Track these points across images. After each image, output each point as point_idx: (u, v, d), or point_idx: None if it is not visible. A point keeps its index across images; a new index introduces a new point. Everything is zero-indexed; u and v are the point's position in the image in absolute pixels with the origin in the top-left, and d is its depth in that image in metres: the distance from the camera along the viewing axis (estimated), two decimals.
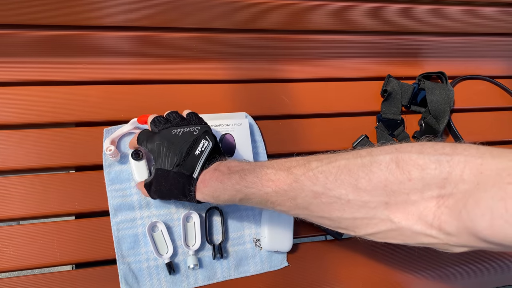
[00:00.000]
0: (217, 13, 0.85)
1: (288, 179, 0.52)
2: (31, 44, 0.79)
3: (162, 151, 0.62)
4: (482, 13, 1.00)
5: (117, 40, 0.84)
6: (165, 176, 0.62)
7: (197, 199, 0.62)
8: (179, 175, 0.61)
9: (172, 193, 0.63)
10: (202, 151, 0.62)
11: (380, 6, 0.92)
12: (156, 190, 0.65)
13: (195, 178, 0.61)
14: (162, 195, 0.65)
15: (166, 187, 0.63)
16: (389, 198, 0.45)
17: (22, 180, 0.73)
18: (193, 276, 0.73)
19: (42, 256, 0.69)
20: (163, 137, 0.63)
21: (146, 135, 0.66)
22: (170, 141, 0.62)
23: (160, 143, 0.63)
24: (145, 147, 0.66)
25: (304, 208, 0.52)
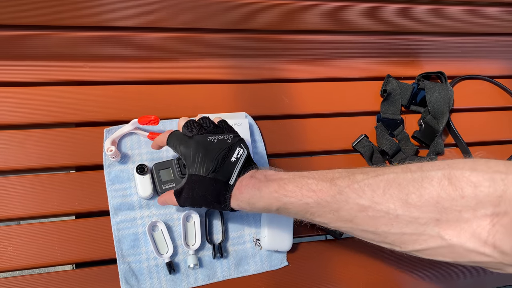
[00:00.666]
0: (217, 14, 0.85)
1: (332, 190, 0.51)
2: (31, 45, 0.80)
3: (197, 157, 0.61)
4: (481, 13, 1.00)
5: (117, 41, 0.84)
6: (199, 182, 0.61)
7: (231, 206, 0.61)
8: (215, 181, 0.60)
9: (206, 200, 0.62)
10: (238, 158, 0.62)
11: (379, 6, 0.92)
12: (187, 197, 0.63)
13: (232, 184, 0.60)
14: (194, 202, 0.64)
15: (200, 193, 0.62)
16: (440, 215, 0.45)
17: (22, 180, 0.73)
18: (193, 275, 0.73)
19: (43, 256, 0.69)
20: (199, 143, 0.62)
21: (179, 139, 0.65)
22: (206, 147, 0.61)
23: (196, 149, 0.61)
24: (176, 150, 0.65)
25: (348, 221, 0.51)
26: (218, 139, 0.63)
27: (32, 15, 0.76)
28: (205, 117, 0.68)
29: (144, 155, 0.77)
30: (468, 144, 0.95)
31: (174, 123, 0.81)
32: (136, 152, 0.77)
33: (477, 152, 0.95)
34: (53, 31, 0.80)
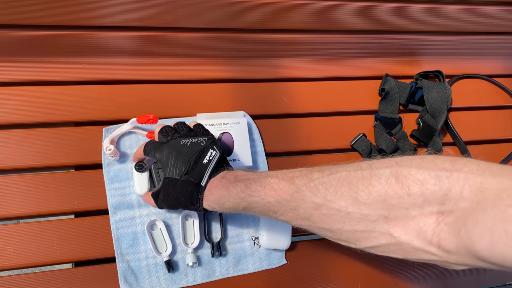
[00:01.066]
0: (215, 13, 0.85)
1: (290, 189, 0.52)
2: (30, 44, 0.80)
3: (170, 160, 0.63)
4: (479, 11, 1.00)
5: (116, 40, 0.85)
6: (173, 185, 0.63)
7: (203, 207, 0.63)
8: (187, 183, 0.62)
9: (180, 202, 0.64)
10: (210, 160, 0.63)
11: (377, 5, 0.93)
12: (164, 199, 0.65)
13: (203, 186, 0.62)
14: (170, 204, 0.65)
15: (174, 195, 0.63)
16: (388, 212, 0.45)
17: (22, 179, 0.73)
18: (192, 274, 0.73)
19: (42, 255, 0.70)
20: (172, 147, 0.64)
21: (154, 146, 0.67)
22: (179, 150, 0.63)
23: (169, 153, 0.63)
24: (152, 157, 0.67)
25: (306, 218, 0.52)
26: (191, 142, 0.65)
27: (30, 15, 0.76)
28: (180, 122, 0.70)
29: None
30: (466, 142, 0.96)
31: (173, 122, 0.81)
32: (135, 151, 0.77)
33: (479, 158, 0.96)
34: (51, 31, 0.80)
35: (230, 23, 0.88)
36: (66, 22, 0.79)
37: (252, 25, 0.89)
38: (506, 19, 1.04)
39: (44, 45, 0.80)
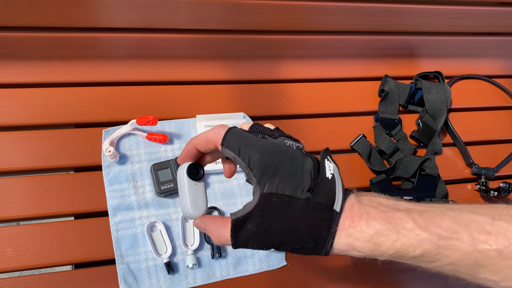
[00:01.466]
0: (215, 14, 0.85)
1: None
2: (30, 46, 0.80)
3: (278, 166, 0.39)
4: (479, 12, 1.01)
5: (116, 42, 0.85)
6: (284, 207, 0.39)
7: (335, 247, 0.39)
8: (313, 205, 0.39)
9: (293, 236, 0.39)
10: (333, 174, 0.41)
11: (376, 6, 0.93)
12: (257, 232, 0.40)
13: (338, 212, 0.39)
14: (267, 239, 0.40)
15: (281, 225, 0.39)
16: None
17: (21, 181, 0.73)
18: (192, 275, 0.73)
19: (42, 256, 0.69)
20: (277, 147, 0.41)
21: (243, 138, 0.42)
22: (288, 154, 0.41)
23: (275, 154, 0.40)
24: (237, 153, 0.41)
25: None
26: (296, 146, 0.43)
27: (30, 17, 0.76)
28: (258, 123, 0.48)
29: (143, 156, 0.78)
30: (466, 143, 0.96)
31: (173, 124, 0.81)
32: (134, 152, 0.77)
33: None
34: (50, 33, 0.80)
35: (230, 24, 0.88)
36: (65, 24, 0.79)
37: (251, 26, 0.89)
38: (505, 20, 1.04)
39: (44, 47, 0.80)
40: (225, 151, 0.42)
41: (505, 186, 0.85)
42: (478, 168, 0.92)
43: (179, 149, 0.80)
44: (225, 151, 0.42)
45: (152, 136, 0.77)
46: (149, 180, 0.76)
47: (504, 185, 0.86)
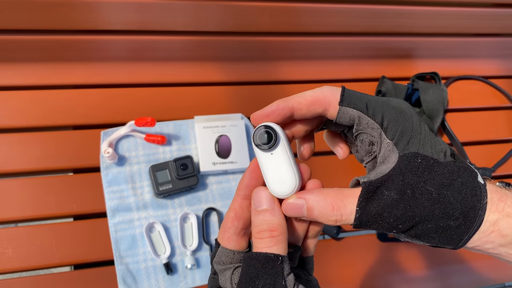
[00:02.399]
0: (212, 16, 0.86)
1: None
2: (28, 49, 0.80)
3: (415, 126, 0.33)
4: (475, 14, 1.01)
5: (114, 44, 0.85)
6: (432, 170, 0.31)
7: (481, 229, 0.31)
8: (462, 172, 0.32)
9: (440, 206, 0.31)
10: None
11: (373, 7, 0.93)
12: (400, 200, 0.31)
13: (483, 184, 0.32)
14: (412, 213, 0.31)
15: (432, 192, 0.31)
16: None
17: (21, 182, 0.74)
18: (191, 276, 0.74)
19: (41, 258, 0.70)
20: (404, 106, 0.34)
21: (366, 95, 0.34)
22: (415, 115, 0.34)
23: (407, 113, 0.33)
24: (368, 112, 0.33)
25: None
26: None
27: (27, 19, 0.76)
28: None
29: (141, 157, 0.78)
30: (463, 143, 0.96)
31: (171, 125, 0.82)
32: (133, 154, 0.78)
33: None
34: (48, 35, 0.80)
35: (227, 26, 0.88)
36: (63, 27, 0.80)
37: (249, 28, 0.90)
38: (501, 21, 1.04)
39: (42, 49, 0.81)
40: (344, 112, 0.33)
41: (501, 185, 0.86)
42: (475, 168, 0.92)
43: (177, 150, 0.80)
44: (345, 111, 0.33)
45: (150, 138, 0.78)
46: (147, 181, 0.77)
47: (501, 185, 0.86)
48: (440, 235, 0.31)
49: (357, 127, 0.34)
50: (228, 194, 0.80)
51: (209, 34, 0.90)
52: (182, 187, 0.75)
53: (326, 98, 0.34)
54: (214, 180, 0.80)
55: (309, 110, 0.34)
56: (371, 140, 0.34)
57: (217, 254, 0.34)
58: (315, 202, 0.31)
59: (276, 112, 0.34)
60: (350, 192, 0.32)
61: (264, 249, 0.31)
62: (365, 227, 0.31)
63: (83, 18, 0.79)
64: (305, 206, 0.31)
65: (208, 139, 0.80)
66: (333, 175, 0.88)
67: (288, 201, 0.32)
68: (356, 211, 0.31)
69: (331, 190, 0.32)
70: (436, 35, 1.05)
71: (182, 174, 0.75)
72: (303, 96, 0.34)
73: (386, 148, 0.32)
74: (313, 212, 0.31)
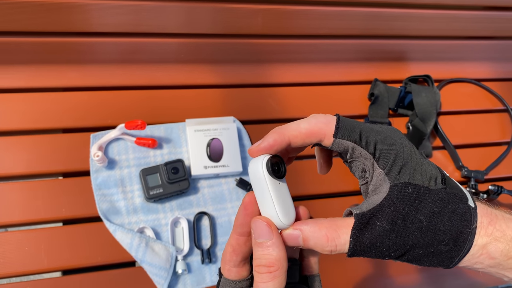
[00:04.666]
0: (204, 19, 0.85)
1: None
2: (17, 51, 0.80)
3: (407, 155, 0.34)
4: (467, 17, 1.01)
5: (105, 46, 0.84)
6: (423, 199, 0.32)
7: (470, 252, 0.33)
8: (452, 198, 0.33)
9: (430, 234, 0.32)
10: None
11: (366, 10, 0.93)
12: (391, 230, 0.32)
13: (473, 207, 0.33)
14: (403, 241, 0.32)
15: (422, 220, 0.32)
16: None
17: (9, 186, 0.72)
18: (182, 281, 0.73)
19: (30, 263, 0.69)
20: (395, 134, 0.36)
21: (360, 124, 0.36)
22: (406, 140, 0.36)
23: (399, 141, 0.35)
24: (361, 143, 0.34)
25: None
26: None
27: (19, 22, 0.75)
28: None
29: (132, 161, 0.77)
30: (456, 146, 0.96)
31: (162, 128, 0.81)
32: (123, 157, 0.77)
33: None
34: (38, 37, 0.79)
35: (219, 28, 0.88)
36: (53, 29, 0.79)
37: (241, 30, 0.89)
38: (493, 24, 1.05)
39: (31, 51, 0.80)
40: (339, 143, 0.34)
41: (494, 188, 0.86)
42: (467, 171, 0.92)
43: (168, 154, 0.79)
44: (340, 142, 0.34)
45: (141, 141, 0.77)
46: (138, 185, 0.76)
47: (493, 188, 0.86)
48: (431, 260, 0.33)
49: (350, 156, 0.35)
50: (220, 198, 0.79)
51: (202, 36, 0.89)
52: (173, 191, 0.74)
53: (321, 130, 0.35)
54: (205, 184, 0.79)
55: (305, 142, 0.36)
56: (363, 167, 0.35)
57: (221, 285, 0.36)
58: (310, 233, 0.33)
59: (274, 147, 0.35)
60: (343, 222, 0.33)
61: (261, 285, 0.32)
62: (359, 256, 0.33)
63: (74, 20, 0.78)
64: (301, 236, 0.33)
65: (199, 143, 0.79)
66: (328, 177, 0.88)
67: (286, 232, 0.33)
68: (350, 241, 0.32)
69: (325, 221, 0.33)
70: (428, 38, 1.05)
71: (173, 178, 0.74)
72: (298, 129, 0.36)
73: (378, 178, 0.34)
74: (309, 243, 0.33)
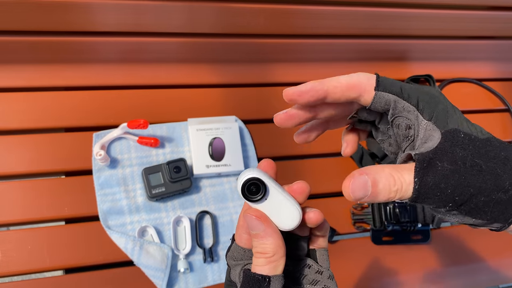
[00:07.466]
0: (206, 18, 0.85)
1: None
2: (20, 50, 0.79)
3: (449, 107, 0.33)
4: (469, 16, 1.01)
5: (107, 46, 0.84)
6: (475, 143, 0.31)
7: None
8: (502, 145, 0.31)
9: (490, 177, 0.30)
10: None
11: (368, 10, 0.93)
12: (455, 170, 0.30)
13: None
14: (467, 183, 0.30)
15: (480, 163, 0.30)
16: None
17: (12, 185, 0.73)
18: (184, 280, 0.73)
19: (32, 262, 0.69)
20: (433, 89, 0.35)
21: (398, 81, 0.35)
22: (444, 98, 0.35)
23: (439, 96, 0.34)
24: (403, 96, 0.33)
25: None
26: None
27: (20, 21, 0.75)
28: None
29: (134, 160, 0.77)
30: None
31: (164, 127, 0.81)
32: (125, 156, 0.77)
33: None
34: (41, 37, 0.79)
35: (221, 28, 0.88)
36: (55, 28, 0.79)
37: (242, 30, 0.89)
38: (496, 24, 1.05)
39: (34, 51, 0.80)
40: (380, 97, 0.33)
41: None
42: None
43: (170, 153, 0.79)
44: (381, 96, 0.33)
45: (143, 140, 0.77)
46: (140, 184, 0.76)
47: None
48: (493, 209, 0.31)
49: (393, 111, 0.34)
50: (222, 197, 0.79)
51: (203, 36, 0.89)
52: (175, 190, 0.74)
53: (361, 83, 0.34)
54: (207, 183, 0.80)
55: (344, 95, 0.34)
56: (407, 123, 0.33)
57: (231, 249, 0.36)
58: (377, 175, 0.31)
59: (310, 93, 0.34)
60: (403, 166, 0.31)
61: (257, 268, 0.33)
62: (422, 200, 0.31)
63: (75, 19, 0.78)
64: (369, 181, 0.31)
65: (201, 142, 0.79)
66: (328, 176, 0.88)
67: (353, 182, 0.31)
68: (415, 182, 0.30)
69: (385, 166, 0.32)
70: (430, 37, 1.05)
71: (175, 177, 0.74)
72: (338, 80, 0.34)
73: (426, 129, 0.32)
74: (378, 186, 0.31)
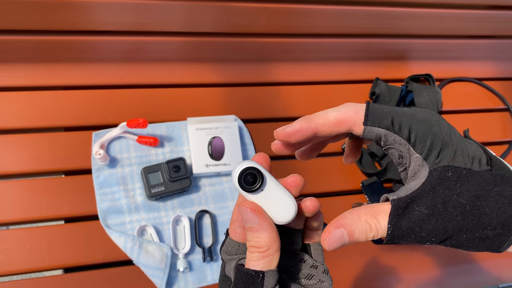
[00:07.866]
0: (206, 18, 0.85)
1: None
2: (19, 50, 0.80)
3: (445, 136, 0.32)
4: (469, 16, 1.01)
5: (107, 45, 0.84)
6: (465, 182, 0.31)
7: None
8: (499, 180, 0.31)
9: (473, 219, 0.30)
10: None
11: (367, 9, 0.93)
12: (431, 215, 0.31)
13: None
14: (444, 227, 0.31)
15: (465, 205, 0.30)
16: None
17: (11, 185, 0.73)
18: (183, 279, 0.73)
19: (32, 261, 0.69)
20: (430, 115, 0.34)
21: (390, 109, 0.34)
22: (443, 121, 0.34)
23: (435, 123, 0.33)
24: (394, 129, 0.32)
25: None
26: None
27: (20, 20, 0.75)
28: None
29: (133, 159, 0.77)
30: None
31: (164, 126, 0.81)
32: (125, 155, 0.77)
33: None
34: (41, 36, 0.79)
35: (222, 27, 0.88)
36: (56, 27, 0.79)
37: (244, 29, 0.89)
38: (495, 23, 1.05)
39: (33, 50, 0.80)
40: (370, 131, 0.33)
41: None
42: None
43: (169, 152, 0.79)
44: (371, 130, 0.33)
45: (142, 139, 0.77)
46: (139, 183, 0.76)
47: None
48: (477, 244, 0.31)
49: (384, 143, 0.34)
50: (221, 197, 0.79)
51: (204, 35, 0.89)
52: (174, 189, 0.74)
53: (350, 118, 0.34)
54: (207, 183, 0.80)
55: (333, 131, 0.34)
56: (399, 154, 0.33)
57: (225, 244, 0.35)
58: (354, 225, 0.31)
59: (299, 133, 0.35)
60: (380, 208, 0.32)
61: (251, 263, 0.32)
62: (398, 241, 0.31)
63: (76, 18, 0.78)
64: (345, 233, 0.31)
65: (201, 141, 0.79)
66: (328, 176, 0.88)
67: (329, 237, 0.31)
68: (388, 227, 0.31)
69: (362, 209, 0.32)
70: (430, 37, 1.05)
71: (174, 176, 0.74)
72: (326, 117, 0.34)
73: (416, 163, 0.32)
74: (354, 235, 0.31)
